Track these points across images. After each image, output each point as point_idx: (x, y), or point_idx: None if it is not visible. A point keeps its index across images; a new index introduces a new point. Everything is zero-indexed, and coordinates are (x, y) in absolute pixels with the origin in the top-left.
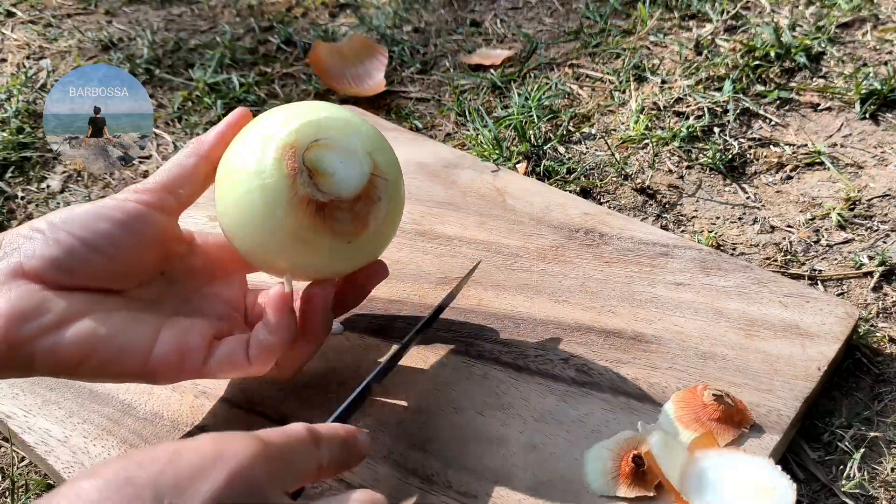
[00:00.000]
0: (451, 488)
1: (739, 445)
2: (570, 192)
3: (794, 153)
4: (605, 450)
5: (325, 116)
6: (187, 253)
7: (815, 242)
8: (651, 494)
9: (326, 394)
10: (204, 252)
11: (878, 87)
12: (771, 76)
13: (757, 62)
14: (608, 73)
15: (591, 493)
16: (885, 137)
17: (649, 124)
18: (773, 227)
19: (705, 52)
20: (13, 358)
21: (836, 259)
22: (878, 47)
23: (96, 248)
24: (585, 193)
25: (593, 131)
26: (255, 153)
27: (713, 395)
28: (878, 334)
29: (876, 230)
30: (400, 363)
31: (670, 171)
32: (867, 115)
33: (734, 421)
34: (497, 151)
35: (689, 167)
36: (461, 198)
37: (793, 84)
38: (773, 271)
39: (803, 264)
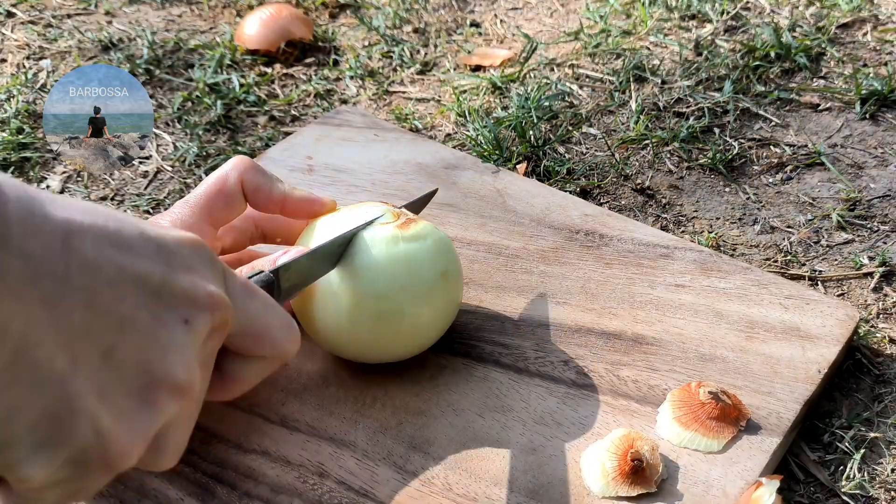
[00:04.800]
0: (451, 490)
1: (738, 446)
2: (570, 192)
3: (794, 153)
4: (601, 450)
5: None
6: None
7: (816, 243)
8: (654, 490)
9: (327, 395)
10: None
11: (879, 88)
12: (771, 76)
13: (757, 62)
14: (608, 74)
15: (591, 495)
16: (885, 138)
17: (649, 124)
18: (773, 228)
19: (705, 52)
20: None
21: (836, 260)
22: (878, 48)
23: None
24: (585, 194)
25: (593, 131)
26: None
27: (709, 392)
28: (878, 335)
29: (876, 231)
30: (399, 364)
31: (670, 171)
32: (867, 116)
33: (731, 418)
34: (497, 152)
35: (689, 167)
36: (461, 199)
37: (793, 84)
38: (773, 272)
39: (803, 265)
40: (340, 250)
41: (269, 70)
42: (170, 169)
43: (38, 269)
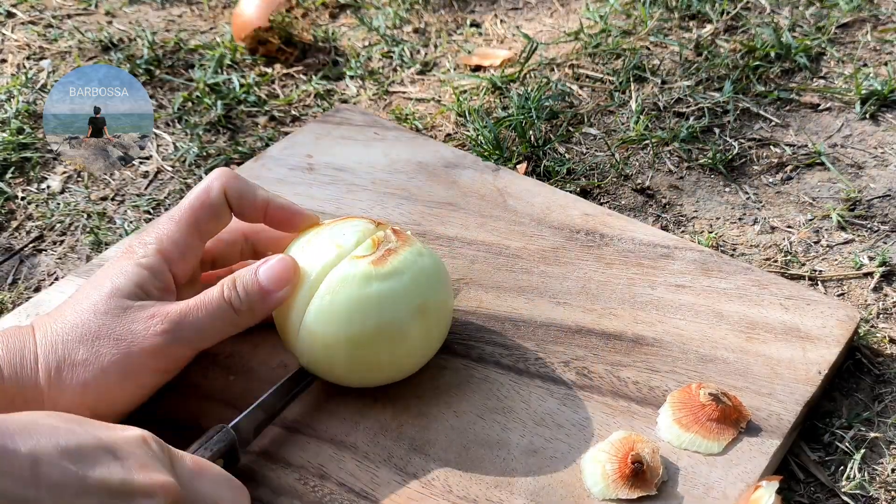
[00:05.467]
0: (451, 492)
1: (739, 448)
2: (570, 192)
3: (794, 153)
4: (601, 452)
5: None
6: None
7: (816, 243)
8: (654, 493)
9: (328, 397)
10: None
11: (878, 88)
12: (771, 76)
13: (757, 62)
14: (608, 74)
15: (591, 497)
16: (885, 138)
17: (649, 125)
18: (773, 228)
19: (705, 52)
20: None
21: (836, 260)
22: (878, 48)
23: None
24: (585, 194)
25: (593, 131)
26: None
27: (710, 394)
28: (878, 335)
29: (876, 230)
30: None
31: (670, 171)
32: (867, 116)
33: (731, 419)
34: (497, 152)
35: (689, 167)
36: (462, 198)
37: (793, 84)
38: (773, 272)
39: (803, 265)
40: (292, 389)
41: (269, 70)
42: (170, 169)
43: (14, 501)
